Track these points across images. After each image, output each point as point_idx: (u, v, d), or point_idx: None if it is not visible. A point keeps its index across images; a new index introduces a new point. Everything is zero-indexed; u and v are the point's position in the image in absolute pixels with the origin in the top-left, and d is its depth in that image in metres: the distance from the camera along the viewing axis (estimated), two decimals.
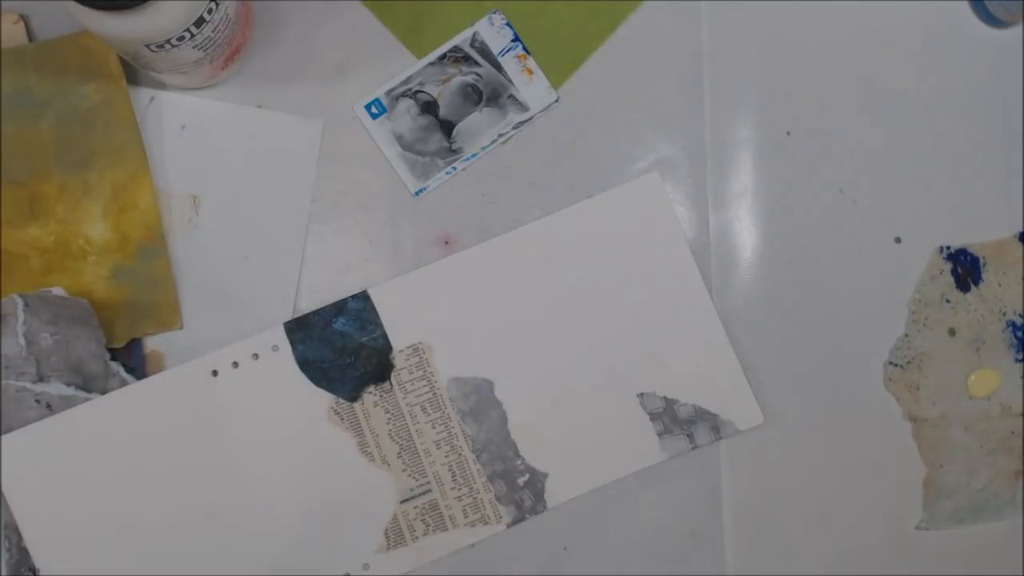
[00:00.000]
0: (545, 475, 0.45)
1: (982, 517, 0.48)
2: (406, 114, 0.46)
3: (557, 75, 0.47)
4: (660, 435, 0.45)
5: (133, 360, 0.44)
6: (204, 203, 0.46)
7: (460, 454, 0.45)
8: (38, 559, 0.42)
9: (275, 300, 0.45)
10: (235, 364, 0.44)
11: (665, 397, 0.45)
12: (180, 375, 0.43)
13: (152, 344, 0.45)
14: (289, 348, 0.44)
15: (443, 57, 0.46)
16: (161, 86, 0.45)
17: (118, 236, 0.44)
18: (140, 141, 0.45)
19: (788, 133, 0.48)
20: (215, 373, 0.44)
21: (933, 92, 0.49)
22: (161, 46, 0.38)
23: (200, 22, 0.38)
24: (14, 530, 0.41)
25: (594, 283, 0.46)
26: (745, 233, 0.48)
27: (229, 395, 0.44)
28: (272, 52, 0.46)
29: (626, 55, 0.48)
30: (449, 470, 0.45)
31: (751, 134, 0.48)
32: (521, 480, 0.45)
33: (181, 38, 0.38)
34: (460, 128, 0.46)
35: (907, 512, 0.48)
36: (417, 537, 0.44)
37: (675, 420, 0.46)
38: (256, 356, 0.44)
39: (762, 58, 0.48)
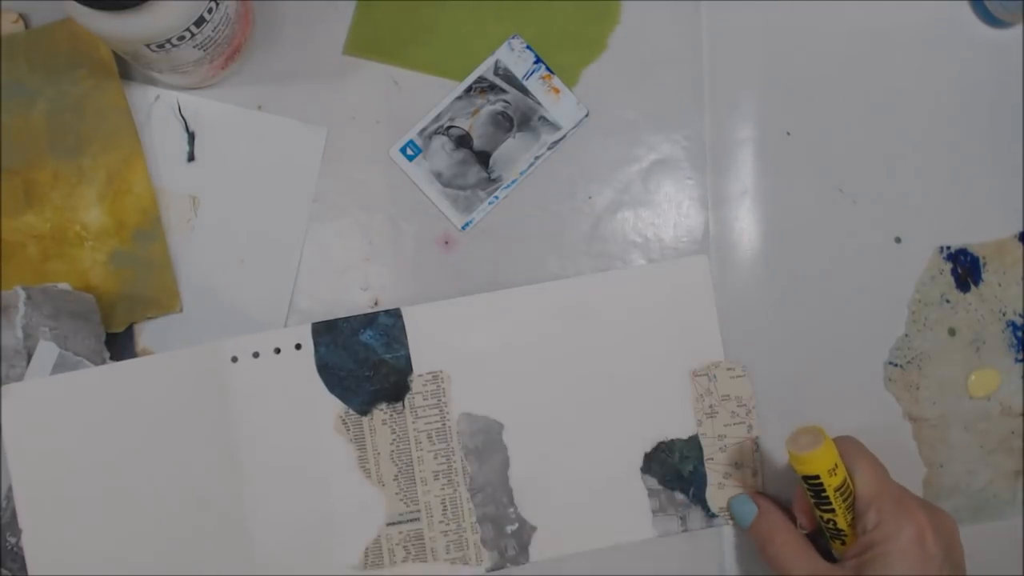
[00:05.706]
0: (534, 528, 0.44)
1: (982, 517, 0.48)
2: (441, 151, 0.46)
3: (568, 80, 0.47)
4: (654, 512, 0.45)
5: (125, 358, 0.44)
6: (203, 204, 0.45)
7: (456, 489, 0.44)
8: (22, 513, 0.41)
9: (271, 302, 0.45)
10: (256, 354, 0.43)
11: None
12: (200, 355, 0.43)
13: (144, 343, 0.44)
14: (312, 349, 0.44)
15: (469, 89, 0.46)
16: (161, 85, 0.45)
17: (114, 221, 0.44)
18: (132, 125, 0.44)
19: (788, 133, 0.48)
20: (235, 359, 0.43)
21: (933, 92, 0.49)
22: (161, 46, 0.38)
23: (200, 22, 0.38)
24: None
25: (620, 350, 0.45)
26: (745, 233, 0.48)
27: (243, 384, 0.43)
28: (272, 52, 0.46)
29: (626, 55, 0.48)
30: (441, 503, 0.44)
31: (751, 134, 0.48)
32: (510, 528, 0.44)
33: (181, 38, 0.38)
34: (496, 157, 0.46)
35: None
36: (396, 563, 0.44)
37: (672, 501, 0.45)
38: (278, 351, 0.44)
39: (762, 58, 0.48)
